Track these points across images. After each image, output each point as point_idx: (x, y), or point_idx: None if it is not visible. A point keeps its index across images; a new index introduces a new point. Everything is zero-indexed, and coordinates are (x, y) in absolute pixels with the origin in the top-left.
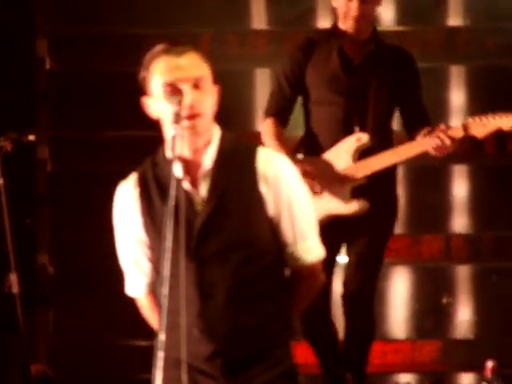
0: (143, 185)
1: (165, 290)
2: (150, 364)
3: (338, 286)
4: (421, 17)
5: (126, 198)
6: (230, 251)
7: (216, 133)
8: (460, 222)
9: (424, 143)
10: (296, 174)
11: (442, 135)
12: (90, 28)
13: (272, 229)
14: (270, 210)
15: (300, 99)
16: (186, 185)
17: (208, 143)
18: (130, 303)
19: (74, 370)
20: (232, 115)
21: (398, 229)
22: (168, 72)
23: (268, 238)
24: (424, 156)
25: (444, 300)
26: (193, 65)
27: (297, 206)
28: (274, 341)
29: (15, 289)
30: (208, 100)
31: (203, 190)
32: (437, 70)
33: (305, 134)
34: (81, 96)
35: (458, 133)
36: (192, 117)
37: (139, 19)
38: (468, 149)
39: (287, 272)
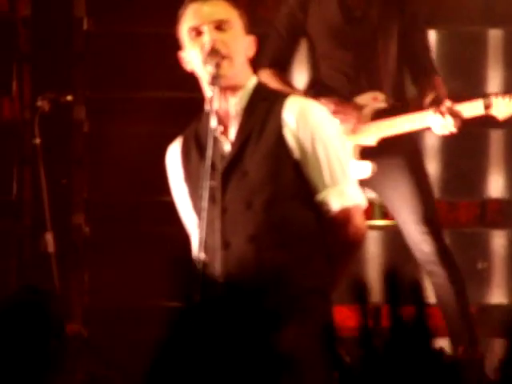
0: (185, 141)
1: (202, 254)
2: None
3: (372, 249)
4: None
5: (172, 156)
6: (252, 195)
7: (251, 80)
8: (496, 187)
9: (429, 120)
10: (325, 118)
11: (446, 114)
12: None
13: (300, 174)
14: (296, 154)
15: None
16: (218, 132)
17: (239, 88)
18: (165, 264)
19: (108, 330)
20: None
21: (435, 194)
22: (193, 18)
23: (294, 183)
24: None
25: (479, 265)
26: (217, 8)
27: (324, 149)
28: (301, 288)
29: (51, 248)
30: (235, 43)
31: (231, 135)
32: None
33: (311, 86)
34: (118, 57)
35: (476, 110)
36: (218, 65)
37: None
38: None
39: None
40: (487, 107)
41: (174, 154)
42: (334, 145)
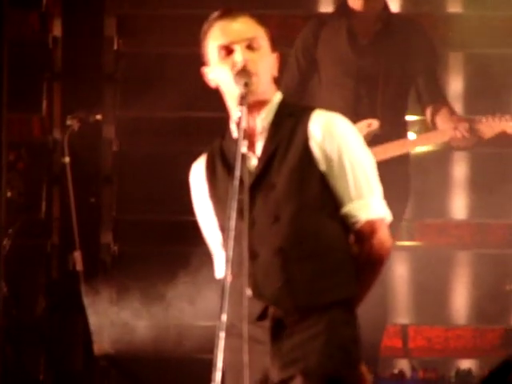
0: (210, 159)
1: (227, 271)
2: None
3: (401, 270)
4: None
5: (196, 173)
6: (279, 208)
7: (276, 96)
8: None
9: (443, 135)
10: (353, 131)
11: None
12: (158, 9)
13: (326, 186)
14: (322, 166)
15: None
16: (244, 148)
17: (265, 104)
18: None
19: (137, 349)
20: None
21: (463, 215)
22: (222, 35)
23: (320, 196)
24: (489, 142)
25: (507, 287)
26: (247, 27)
27: (350, 161)
28: (328, 299)
29: (79, 266)
30: (263, 60)
31: (258, 150)
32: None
33: None
34: (147, 77)
35: (466, 127)
36: (247, 85)
37: (207, 1)
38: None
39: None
40: (473, 128)
41: (198, 171)
42: (359, 157)
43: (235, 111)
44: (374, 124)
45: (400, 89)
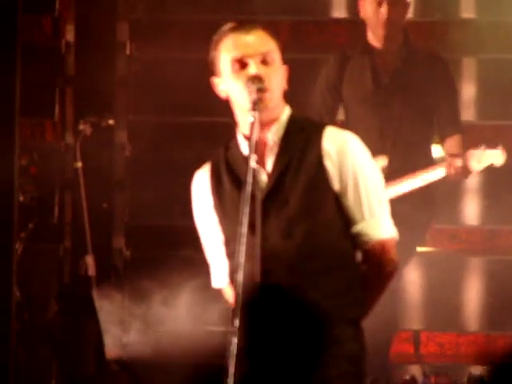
0: (215, 169)
1: (239, 277)
2: None
3: (413, 275)
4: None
5: (200, 183)
6: (292, 225)
7: (285, 111)
8: None
9: (438, 174)
10: (365, 151)
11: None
12: (171, 14)
13: (338, 205)
14: (336, 185)
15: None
16: (253, 162)
17: (275, 120)
18: (204, 289)
19: (148, 353)
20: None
21: (475, 221)
22: (236, 48)
23: (333, 214)
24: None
25: None
26: (260, 40)
27: (364, 181)
28: (338, 317)
29: (91, 271)
30: (276, 76)
31: (269, 165)
32: None
33: None
34: (160, 82)
35: (459, 163)
36: (260, 90)
37: (220, 7)
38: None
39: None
40: (465, 161)
41: (202, 181)
42: (373, 177)
43: (247, 117)
44: (381, 161)
45: (419, 124)
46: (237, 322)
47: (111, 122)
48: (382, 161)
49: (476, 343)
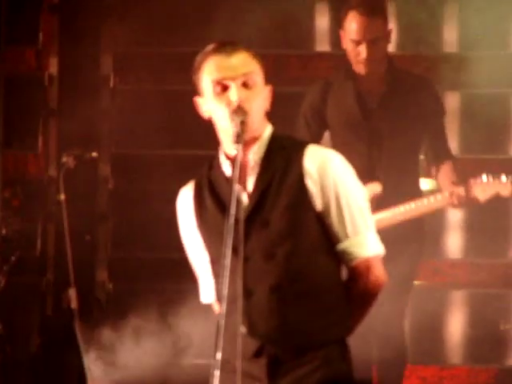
0: (198, 189)
1: (223, 307)
2: None
3: None
4: None
5: (184, 202)
6: (274, 246)
7: (267, 130)
8: None
9: (440, 203)
10: (347, 168)
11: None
12: (154, 47)
13: (321, 224)
14: (318, 204)
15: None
16: (236, 182)
17: (257, 138)
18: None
19: None
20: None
21: (458, 254)
22: (217, 70)
23: (316, 233)
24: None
25: (502, 327)
26: (242, 62)
27: (346, 199)
28: (324, 338)
29: (74, 304)
30: (257, 98)
31: (250, 185)
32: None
33: None
34: (143, 114)
35: (461, 193)
36: (242, 123)
37: (201, 39)
38: None
39: (343, 272)
40: (468, 191)
41: (185, 199)
42: (355, 194)
43: (230, 148)
44: (375, 188)
45: (408, 150)
46: (219, 355)
47: (94, 154)
48: (376, 187)
49: (459, 377)
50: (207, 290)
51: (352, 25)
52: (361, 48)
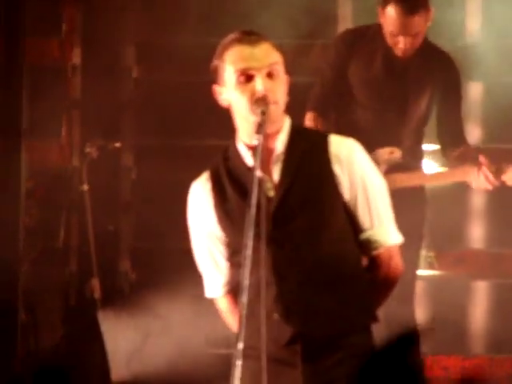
0: (215, 180)
1: (244, 298)
2: None
3: (418, 299)
4: None
5: (199, 195)
6: (304, 234)
7: (286, 121)
8: None
9: (466, 175)
10: (367, 157)
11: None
12: (177, 37)
13: (347, 212)
14: (345, 192)
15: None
16: (258, 172)
17: (279, 130)
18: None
19: (154, 376)
20: None
21: (481, 244)
22: (241, 61)
23: (343, 221)
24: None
25: None
26: (266, 53)
27: (372, 189)
28: (354, 325)
29: (97, 294)
30: (280, 88)
31: (275, 174)
32: None
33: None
34: (166, 105)
35: (492, 171)
36: (263, 113)
37: (226, 30)
38: None
39: (364, 260)
40: (498, 173)
41: (201, 192)
42: (380, 186)
43: (251, 138)
44: (397, 153)
45: (423, 119)
46: (241, 345)
47: (118, 144)
48: (396, 152)
49: (481, 366)
50: (214, 285)
51: (390, 19)
52: (400, 39)
